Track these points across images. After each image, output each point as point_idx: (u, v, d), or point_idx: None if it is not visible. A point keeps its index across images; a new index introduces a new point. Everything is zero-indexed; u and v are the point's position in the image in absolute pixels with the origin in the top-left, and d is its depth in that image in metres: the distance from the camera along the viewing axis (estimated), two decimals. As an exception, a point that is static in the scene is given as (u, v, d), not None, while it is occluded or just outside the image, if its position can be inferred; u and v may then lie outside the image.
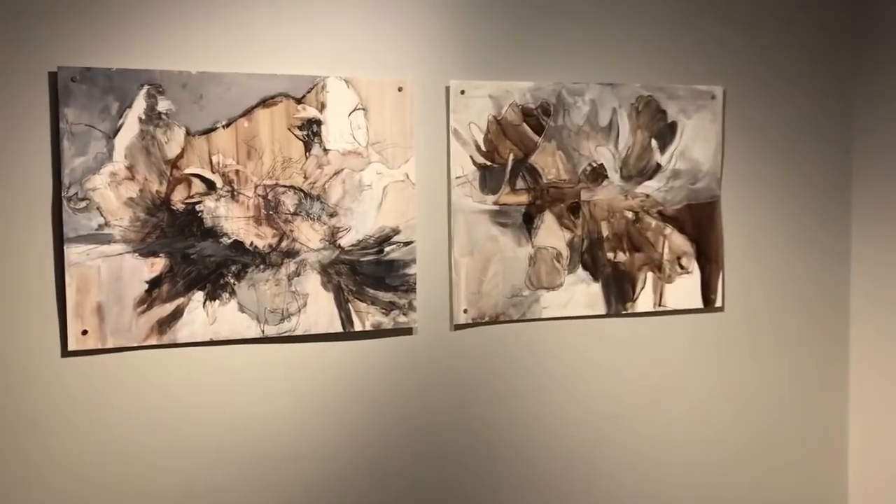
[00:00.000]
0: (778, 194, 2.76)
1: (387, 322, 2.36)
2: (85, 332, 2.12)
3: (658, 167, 2.61)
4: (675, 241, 2.64)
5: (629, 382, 2.63)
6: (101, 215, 2.11)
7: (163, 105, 2.15)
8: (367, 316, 2.35)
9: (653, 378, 2.65)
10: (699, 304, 2.68)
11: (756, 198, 2.74)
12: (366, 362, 2.37)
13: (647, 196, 2.60)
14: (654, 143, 2.60)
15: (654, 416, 2.66)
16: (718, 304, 2.70)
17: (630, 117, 2.57)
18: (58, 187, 2.09)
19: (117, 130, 2.12)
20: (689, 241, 2.66)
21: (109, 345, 2.14)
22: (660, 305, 2.64)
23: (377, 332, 2.37)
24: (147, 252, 2.16)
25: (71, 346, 2.11)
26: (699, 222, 2.66)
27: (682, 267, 2.66)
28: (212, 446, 2.24)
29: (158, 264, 2.17)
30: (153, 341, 2.17)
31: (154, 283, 2.17)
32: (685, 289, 2.66)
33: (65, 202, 2.08)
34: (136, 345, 2.16)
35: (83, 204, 2.10)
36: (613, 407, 2.62)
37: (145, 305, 2.16)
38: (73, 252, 2.10)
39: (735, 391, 2.75)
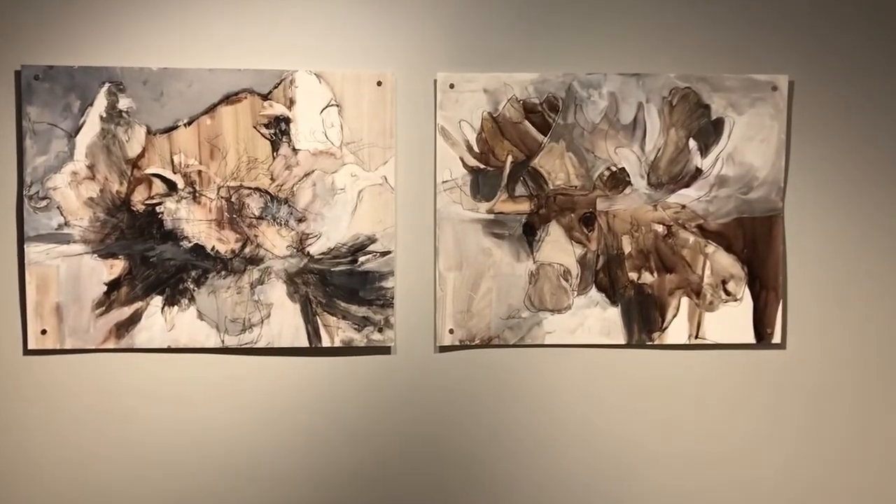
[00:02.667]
0: (857, 209, 2.22)
1: (359, 339, 2.15)
2: (44, 332, 2.10)
3: (698, 172, 2.18)
4: (720, 262, 2.20)
5: (653, 427, 2.23)
6: (62, 215, 2.09)
7: (123, 103, 2.08)
8: (336, 331, 2.15)
9: (684, 425, 2.23)
10: (750, 338, 2.22)
11: (829, 213, 2.22)
12: (335, 382, 2.17)
13: (683, 207, 2.19)
14: (692, 143, 2.18)
15: (682, 471, 2.24)
16: (776, 339, 2.22)
17: (661, 113, 2.16)
18: (21, 186, 2.09)
19: (79, 129, 2.08)
20: (739, 263, 2.20)
21: (68, 345, 2.11)
22: (697, 337, 2.21)
23: (348, 350, 2.16)
24: (106, 253, 2.11)
25: (31, 345, 2.10)
26: (753, 240, 2.20)
27: (728, 293, 2.21)
28: (165, 458, 2.15)
29: (117, 266, 2.11)
30: (111, 345, 2.12)
31: (113, 286, 2.11)
32: (732, 319, 2.21)
33: (26, 201, 2.08)
34: (93, 347, 2.11)
35: (44, 203, 2.08)
36: (629, 455, 2.23)
37: (104, 308, 2.11)
38: (32, 251, 2.09)
39: (797, 451, 2.25)
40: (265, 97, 2.10)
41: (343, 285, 2.14)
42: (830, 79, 2.19)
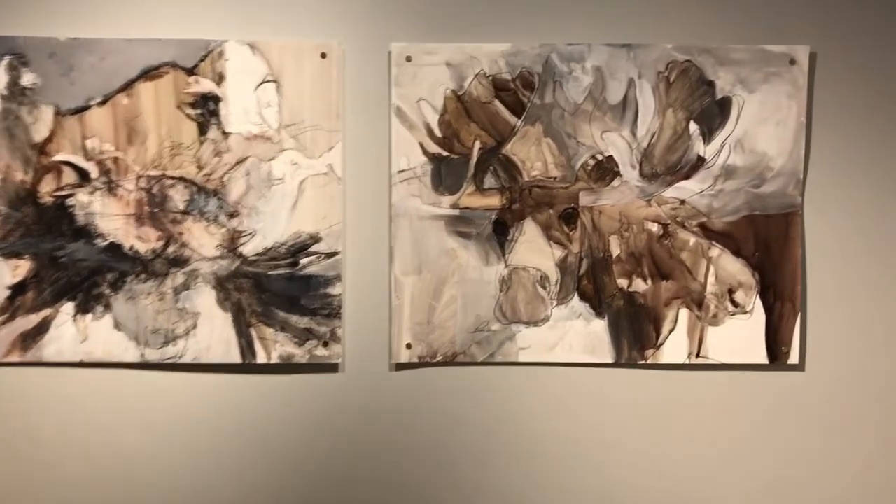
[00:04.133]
0: (890, 206, 1.87)
1: (300, 355, 1.85)
2: (-61, 342, 1.83)
3: (700, 161, 1.85)
4: (727, 268, 1.87)
5: (645, 462, 1.89)
6: (-43, 208, 1.81)
7: (27, 79, 1.80)
8: (273, 345, 1.85)
9: (683, 459, 1.89)
10: (762, 357, 1.88)
11: (856, 210, 1.87)
12: (272, 404, 1.87)
13: (682, 202, 1.85)
14: (693, 127, 1.84)
15: (682, 510, 1.91)
16: (794, 360, 1.87)
17: (656, 91, 1.83)
18: None
19: (-23, 109, 1.80)
20: (749, 269, 1.86)
21: (-35, 359, 1.83)
22: (698, 356, 1.88)
23: (288, 367, 1.86)
24: (9, 252, 1.82)
25: (-76, 357, 1.83)
26: (766, 242, 1.86)
27: (735, 304, 1.87)
28: (76, 485, 1.87)
29: (22, 268, 1.83)
30: (15, 358, 1.84)
31: (17, 290, 1.83)
32: (740, 335, 1.87)
33: (-84, 191, 1.80)
34: (-5, 361, 1.83)
35: (-63, 194, 1.81)
36: (617, 494, 1.90)
37: (7, 315, 1.83)
38: (-76, 249, 1.81)
39: (817, 493, 1.90)
40: (190, 72, 1.81)
41: (282, 292, 1.84)
42: (859, 50, 1.84)
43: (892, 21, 1.84)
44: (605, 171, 1.85)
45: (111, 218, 1.83)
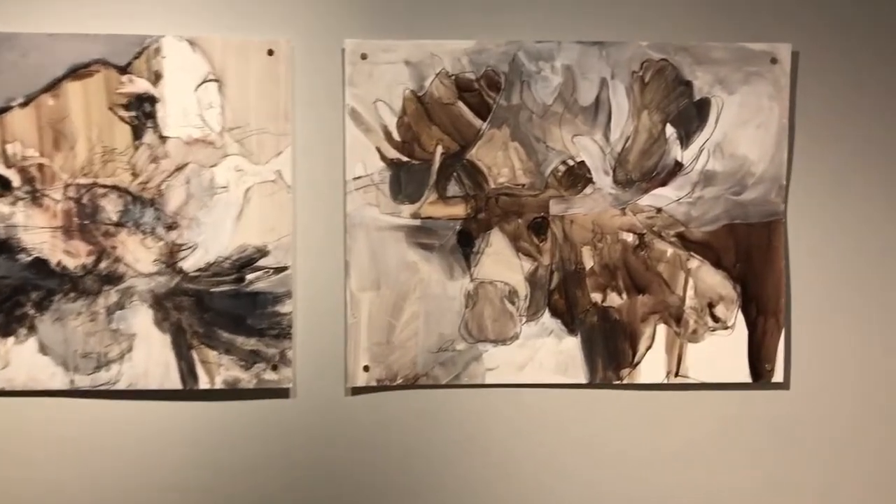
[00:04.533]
0: (879, 215, 1.77)
1: (247, 379, 1.69)
2: None
3: (677, 167, 1.73)
4: (707, 280, 1.75)
5: (622, 487, 1.76)
6: None
7: (-60, 77, 1.62)
8: (217, 369, 1.69)
9: (661, 485, 1.77)
10: (745, 376, 1.76)
11: (843, 218, 1.77)
12: (216, 434, 1.71)
13: (659, 211, 1.73)
14: (669, 130, 1.73)
15: (662, 541, 1.78)
16: (778, 377, 1.76)
17: (630, 92, 1.71)
18: None
19: None
20: (730, 281, 1.75)
21: None
22: (677, 375, 1.75)
23: (233, 393, 1.70)
24: (-80, 270, 1.64)
25: None
26: (748, 253, 1.74)
27: (716, 319, 1.75)
28: (-3, 532, 1.69)
29: (-65, 287, 1.65)
30: (-73, 387, 1.65)
31: (-71, 312, 1.65)
32: (722, 352, 1.75)
33: None
34: None
35: None
36: (593, 523, 1.77)
37: (-82, 340, 1.65)
38: None
39: (803, 514, 1.79)
40: (123, 70, 1.65)
41: (226, 311, 1.68)
42: (844, 48, 1.74)
43: (878, 18, 1.74)
44: (576, 177, 1.72)
45: (36, 231, 1.65)
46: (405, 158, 1.70)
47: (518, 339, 1.73)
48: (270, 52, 1.67)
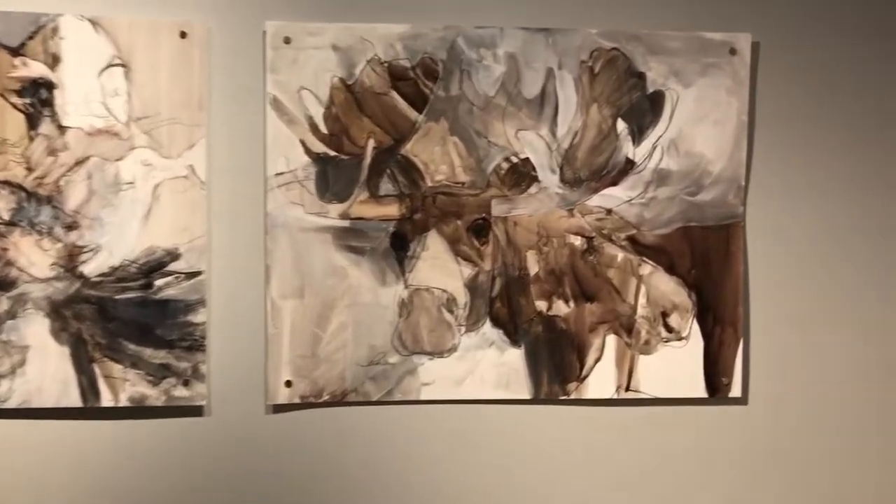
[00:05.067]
0: (844, 217, 1.67)
1: (156, 396, 1.53)
2: None
3: (629, 165, 1.61)
4: (660, 288, 1.62)
5: (569, 512, 1.64)
6: None
7: None
8: (122, 385, 1.53)
9: (611, 508, 1.64)
10: (700, 390, 1.64)
11: (807, 221, 1.66)
12: (121, 456, 1.55)
13: (609, 212, 1.61)
14: (621, 125, 1.60)
15: (611, 569, 1.65)
16: (736, 392, 1.65)
17: (579, 84, 1.58)
18: None
19: None
20: (685, 289, 1.63)
21: None
22: (628, 390, 1.63)
23: (141, 411, 1.54)
24: None
25: None
26: (704, 258, 1.63)
27: (670, 329, 1.63)
28: None
29: None
30: None
31: None
32: (675, 365, 1.63)
33: None
34: None
35: None
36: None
37: None
38: None
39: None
40: (15, 52, 1.48)
41: (132, 320, 1.52)
42: (807, 39, 1.64)
43: (844, 7, 1.63)
44: (520, 175, 1.59)
45: (-85, 230, 1.48)
46: (333, 153, 1.55)
47: (456, 352, 1.59)
48: (183, 35, 1.52)
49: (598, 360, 1.62)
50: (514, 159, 1.59)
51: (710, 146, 1.62)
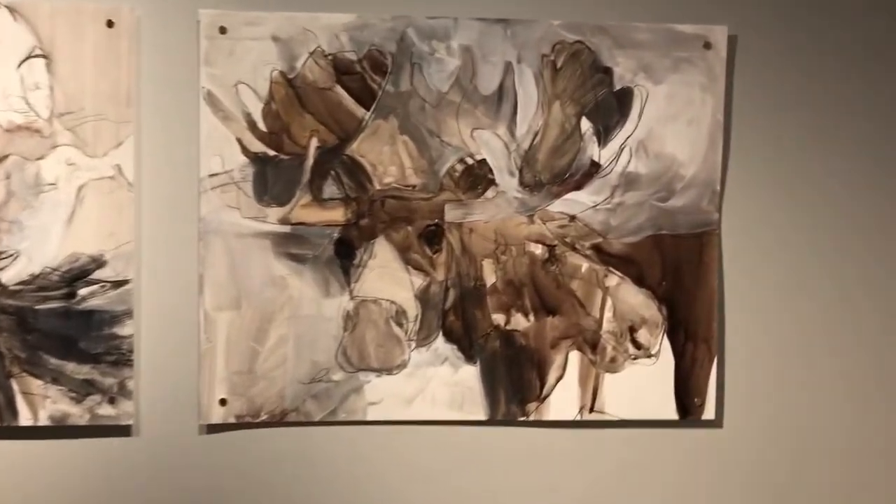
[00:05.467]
0: (827, 225, 1.54)
1: (79, 414, 1.42)
2: None
3: (594, 168, 1.49)
4: (628, 300, 1.51)
5: (528, 543, 1.52)
6: None
7: None
8: (42, 402, 1.42)
9: (573, 538, 1.52)
10: (671, 412, 1.53)
11: (788, 229, 1.54)
12: (42, 479, 1.44)
13: (573, 219, 1.49)
14: (585, 125, 1.49)
15: None
16: (709, 414, 1.53)
17: (540, 79, 1.47)
18: None
19: None
20: (655, 302, 1.51)
21: None
22: (593, 411, 1.51)
23: (63, 430, 1.43)
24: None
25: None
26: (676, 269, 1.51)
27: (638, 346, 1.51)
28: None
29: None
30: None
31: None
32: (644, 384, 1.52)
33: None
34: None
35: None
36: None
37: None
38: None
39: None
40: (-75, 41, 1.37)
41: (54, 332, 1.41)
42: (788, 32, 1.51)
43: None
44: (476, 178, 1.47)
45: None
46: (272, 153, 1.44)
47: (406, 368, 1.48)
48: (110, 24, 1.41)
49: (559, 378, 1.50)
50: (470, 161, 1.47)
51: (683, 148, 1.50)
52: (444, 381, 1.48)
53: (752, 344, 1.54)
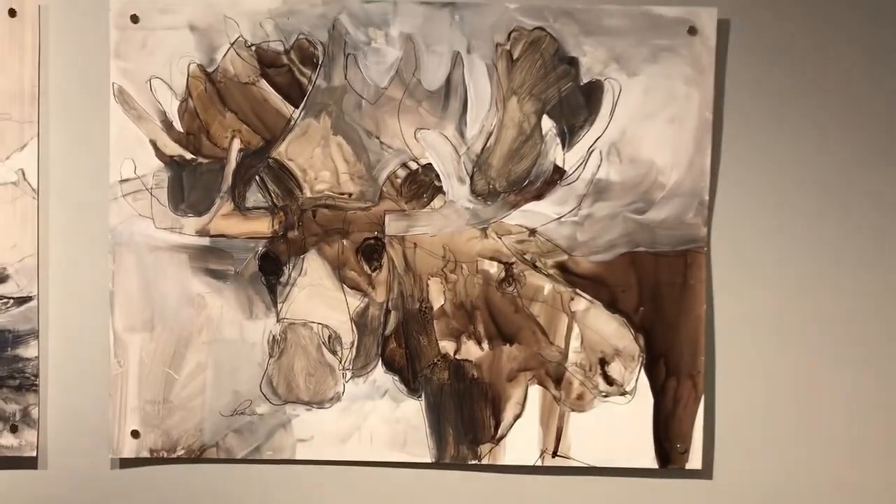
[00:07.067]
0: (831, 241, 1.30)
1: (-23, 443, 1.29)
2: None
3: (558, 174, 1.29)
4: (598, 328, 1.30)
5: None
6: None
7: None
8: (-63, 429, 1.29)
9: None
10: (649, 460, 1.31)
11: (786, 246, 1.31)
12: (-63, 513, 1.31)
13: (533, 232, 1.29)
14: (548, 124, 1.28)
15: None
16: (695, 463, 1.30)
17: (494, 72, 1.27)
18: None
19: None
20: (631, 331, 1.30)
21: None
22: (556, 455, 1.30)
23: (-40, 461, 1.30)
24: None
25: None
26: (656, 292, 1.29)
27: (610, 381, 1.30)
28: None
29: None
30: None
31: None
32: (617, 426, 1.31)
33: None
34: None
35: None
36: None
37: None
38: None
39: None
40: None
41: (-50, 353, 1.28)
42: (789, 16, 1.28)
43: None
44: (421, 185, 1.29)
45: None
46: (189, 156, 1.28)
47: (340, 402, 1.30)
48: (12, 13, 1.28)
49: (517, 416, 1.30)
50: (413, 165, 1.28)
51: (663, 151, 1.28)
52: (383, 417, 1.30)
53: (746, 381, 1.30)
